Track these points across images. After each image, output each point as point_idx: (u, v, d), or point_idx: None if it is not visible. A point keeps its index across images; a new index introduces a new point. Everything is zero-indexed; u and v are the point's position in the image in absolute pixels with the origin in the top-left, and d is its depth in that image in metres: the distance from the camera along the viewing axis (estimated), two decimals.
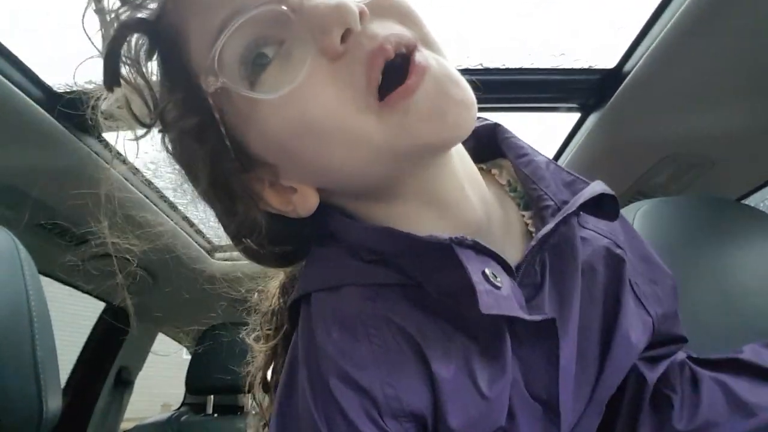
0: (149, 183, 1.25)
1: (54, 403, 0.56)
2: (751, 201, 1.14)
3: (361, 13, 0.32)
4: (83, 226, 1.25)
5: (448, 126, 0.34)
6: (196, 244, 1.61)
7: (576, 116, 1.05)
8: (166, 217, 1.36)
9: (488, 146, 0.48)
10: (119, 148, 1.12)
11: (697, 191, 1.09)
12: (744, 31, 0.73)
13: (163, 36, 0.37)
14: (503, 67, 0.96)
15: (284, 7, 0.33)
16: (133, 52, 0.38)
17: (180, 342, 2.38)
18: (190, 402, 2.17)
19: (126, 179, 1.14)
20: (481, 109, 0.36)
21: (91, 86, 0.95)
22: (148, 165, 1.19)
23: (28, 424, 0.54)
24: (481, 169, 0.47)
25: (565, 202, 0.40)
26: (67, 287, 1.58)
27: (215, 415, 1.91)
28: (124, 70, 0.38)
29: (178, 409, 2.16)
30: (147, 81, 0.38)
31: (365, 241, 0.39)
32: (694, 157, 1.02)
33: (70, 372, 1.80)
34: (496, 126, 0.47)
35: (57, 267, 1.42)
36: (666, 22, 0.76)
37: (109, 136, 1.05)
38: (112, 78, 0.37)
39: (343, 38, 0.32)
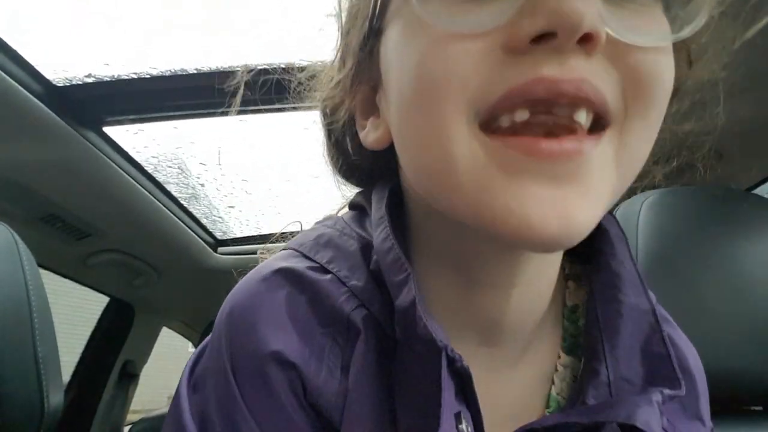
0: (151, 177, 1.24)
1: (56, 398, 0.56)
2: (760, 191, 1.12)
3: (593, 35, 0.22)
4: (85, 221, 1.26)
5: (525, 227, 0.24)
6: (199, 239, 1.61)
7: None
8: (167, 211, 1.36)
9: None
10: (121, 143, 1.12)
11: (705, 182, 1.08)
12: (750, 19, 0.72)
13: None
14: None
15: None
16: None
17: (185, 335, 2.39)
18: None
19: (127, 173, 1.14)
20: None
21: (91, 80, 0.94)
22: (150, 159, 1.19)
23: (30, 420, 0.54)
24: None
25: (627, 382, 0.30)
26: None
27: None
28: None
29: None
30: None
31: (374, 238, 0.35)
32: (701, 148, 1.01)
33: (75, 365, 1.81)
34: (602, 232, 0.37)
35: (60, 261, 1.42)
36: None
37: (111, 131, 1.05)
38: None
39: (539, 40, 0.23)
